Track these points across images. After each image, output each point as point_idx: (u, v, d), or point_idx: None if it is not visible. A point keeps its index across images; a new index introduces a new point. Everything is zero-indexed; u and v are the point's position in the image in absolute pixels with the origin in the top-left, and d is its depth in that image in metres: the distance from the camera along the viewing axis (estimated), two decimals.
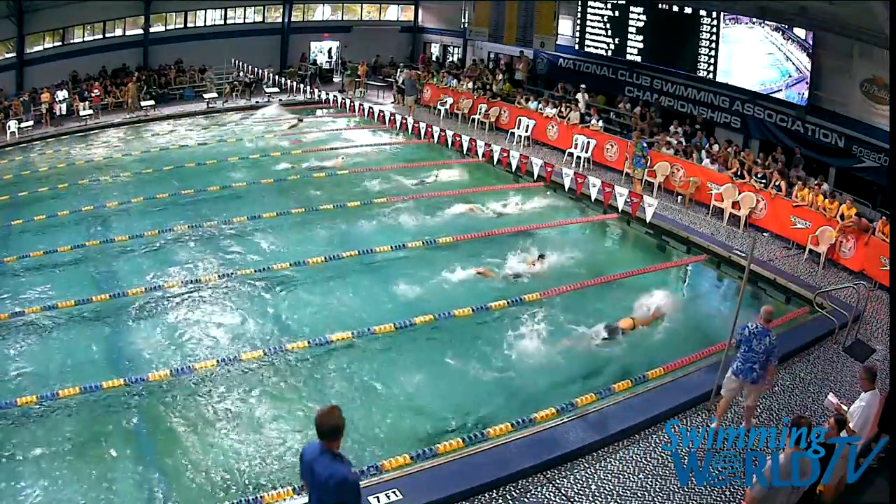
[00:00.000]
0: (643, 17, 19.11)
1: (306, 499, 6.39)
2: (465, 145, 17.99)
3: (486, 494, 6.65)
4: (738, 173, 14.55)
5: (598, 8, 20.39)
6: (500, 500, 6.61)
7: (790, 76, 15.77)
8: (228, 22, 26.49)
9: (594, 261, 12.45)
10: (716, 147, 16.30)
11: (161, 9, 24.91)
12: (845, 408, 6.73)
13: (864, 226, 12.02)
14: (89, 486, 6.80)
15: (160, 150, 19.01)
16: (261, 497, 6.52)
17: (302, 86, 24.85)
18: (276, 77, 25.38)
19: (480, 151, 17.65)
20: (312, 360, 9.00)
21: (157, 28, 25.33)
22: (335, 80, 27.69)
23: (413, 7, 29.65)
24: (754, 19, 16.35)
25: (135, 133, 21.33)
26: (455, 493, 6.54)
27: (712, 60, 17.44)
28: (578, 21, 21.17)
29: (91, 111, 21.89)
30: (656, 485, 6.89)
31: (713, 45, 17.33)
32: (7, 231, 13.31)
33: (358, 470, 6.81)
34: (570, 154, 17.89)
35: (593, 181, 14.85)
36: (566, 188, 15.52)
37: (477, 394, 8.50)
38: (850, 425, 6.36)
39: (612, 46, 20.24)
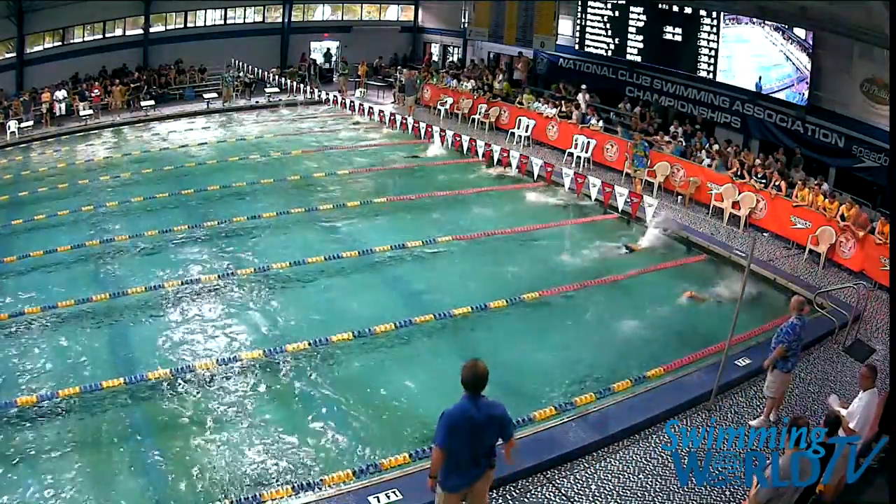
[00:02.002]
0: (643, 17, 19.10)
1: (315, 494, 6.48)
2: (466, 145, 18.00)
3: (486, 494, 6.64)
4: (738, 173, 14.55)
5: (598, 8, 20.38)
6: (500, 500, 6.61)
7: (790, 76, 15.79)
8: (228, 22, 26.48)
9: (594, 260, 12.45)
10: (716, 147, 16.29)
11: (161, 9, 24.89)
12: (843, 410, 6.71)
13: (863, 220, 12.01)
14: (89, 486, 6.80)
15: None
16: (260, 495, 6.52)
17: (302, 86, 24.85)
18: (277, 77, 25.37)
19: (480, 151, 17.66)
20: (312, 360, 9.00)
21: (157, 28, 25.32)
22: (335, 79, 27.68)
23: (413, 7, 29.65)
24: (754, 19, 16.35)
25: (136, 133, 21.34)
26: None
27: (712, 60, 17.44)
28: (578, 21, 21.17)
29: (91, 111, 21.88)
30: (656, 485, 6.89)
31: (713, 45, 17.33)
32: (7, 231, 13.31)
33: (357, 469, 6.87)
34: (570, 154, 17.90)
35: (593, 181, 14.86)
36: (566, 188, 15.52)
37: None
38: (851, 425, 6.35)
39: (612, 46, 20.24)
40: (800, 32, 15.35)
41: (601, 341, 9.74)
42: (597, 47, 20.78)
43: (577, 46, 21.53)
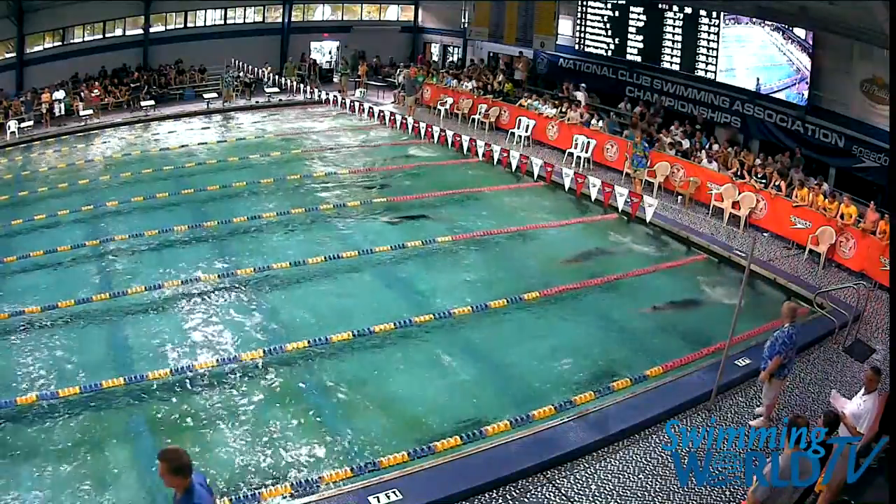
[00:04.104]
0: (643, 17, 19.10)
1: (315, 494, 6.50)
2: (466, 145, 17.99)
3: (486, 494, 6.65)
4: (738, 173, 14.55)
5: (598, 8, 20.39)
6: (500, 500, 6.62)
7: (790, 76, 15.79)
8: (228, 22, 26.46)
9: (593, 260, 12.45)
10: (716, 147, 16.29)
11: (161, 9, 24.88)
12: (846, 408, 6.70)
13: (874, 218, 12.04)
14: (89, 485, 6.80)
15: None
16: (259, 494, 6.54)
17: (302, 86, 24.83)
18: (276, 77, 25.37)
19: (480, 151, 17.65)
20: (312, 360, 9.01)
21: (157, 28, 25.30)
22: (335, 79, 27.70)
23: (413, 7, 29.65)
24: (754, 19, 16.36)
25: (136, 133, 21.33)
26: (455, 493, 6.55)
27: (712, 60, 17.45)
28: (578, 21, 21.17)
29: (91, 111, 21.88)
30: (656, 485, 6.89)
31: (713, 45, 17.33)
32: (7, 231, 13.31)
33: (356, 467, 6.88)
34: (570, 154, 17.89)
35: (593, 181, 14.86)
36: (566, 188, 15.52)
37: (475, 392, 8.52)
38: (861, 429, 6.35)
39: (612, 46, 20.25)
40: (800, 32, 15.36)
41: (601, 341, 9.74)
42: (597, 47, 20.78)
43: (577, 46, 21.54)
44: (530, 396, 8.33)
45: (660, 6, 18.50)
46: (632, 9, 19.30)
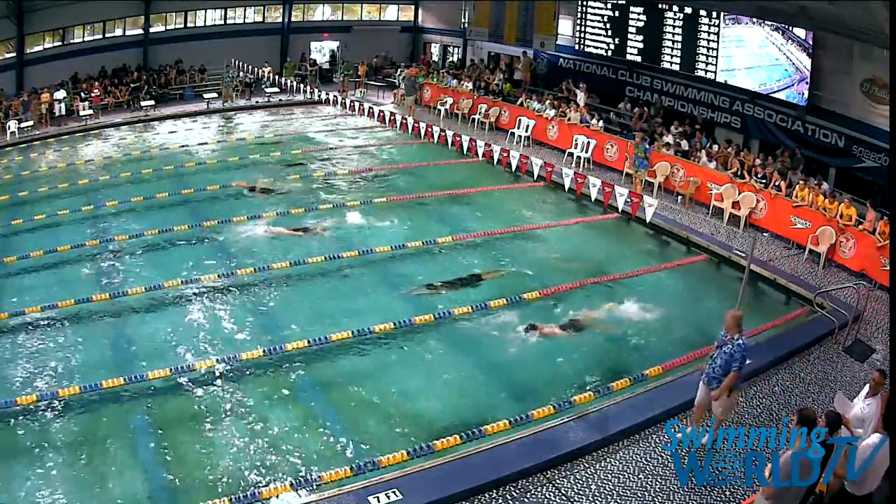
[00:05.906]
0: (643, 17, 19.10)
1: (306, 497, 6.49)
2: (465, 145, 17.99)
3: (486, 494, 6.65)
4: (738, 173, 14.55)
5: (598, 8, 20.39)
6: (500, 500, 6.62)
7: (789, 76, 15.79)
8: (228, 22, 26.46)
9: (594, 260, 12.45)
10: (715, 147, 16.29)
11: (161, 9, 24.88)
12: (849, 408, 6.68)
13: (872, 218, 12.05)
14: (89, 485, 6.81)
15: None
16: (259, 493, 6.54)
17: (302, 86, 24.84)
18: (276, 77, 25.36)
19: (480, 151, 17.65)
20: (311, 359, 9.01)
21: (157, 28, 25.30)
22: (335, 80, 27.68)
23: (413, 7, 29.65)
24: (754, 19, 16.36)
25: (136, 133, 21.32)
26: (455, 493, 6.55)
27: (712, 60, 17.45)
28: (578, 21, 21.17)
29: (91, 111, 21.87)
30: (656, 485, 6.89)
31: (713, 45, 17.33)
32: (7, 231, 13.31)
33: (356, 466, 6.87)
34: (570, 154, 17.89)
35: (593, 181, 14.85)
36: (566, 188, 15.52)
37: (475, 391, 8.52)
38: (871, 437, 6.32)
39: (612, 46, 20.25)
40: (800, 32, 15.36)
41: (600, 340, 9.74)
42: (597, 47, 20.79)
43: (577, 46, 21.54)
44: (529, 396, 8.33)
45: (660, 6, 18.50)
46: (632, 9, 19.29)
